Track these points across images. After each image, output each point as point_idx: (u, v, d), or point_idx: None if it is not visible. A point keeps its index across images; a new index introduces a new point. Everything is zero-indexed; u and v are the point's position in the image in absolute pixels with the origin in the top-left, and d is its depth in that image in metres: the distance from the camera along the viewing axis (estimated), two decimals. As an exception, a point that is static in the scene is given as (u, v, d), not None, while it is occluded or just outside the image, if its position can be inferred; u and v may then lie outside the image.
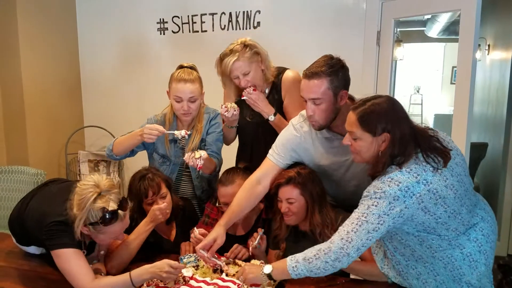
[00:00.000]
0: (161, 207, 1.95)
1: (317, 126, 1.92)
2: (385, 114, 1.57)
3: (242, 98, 2.18)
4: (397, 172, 1.53)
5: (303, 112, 2.00)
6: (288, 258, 1.62)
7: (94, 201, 1.64)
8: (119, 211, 1.66)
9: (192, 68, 2.31)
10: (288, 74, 2.28)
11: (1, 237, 2.31)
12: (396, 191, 1.50)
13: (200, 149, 2.24)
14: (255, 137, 2.35)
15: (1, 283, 1.83)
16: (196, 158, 2.03)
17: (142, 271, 1.64)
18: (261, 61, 2.21)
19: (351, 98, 1.95)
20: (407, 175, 1.52)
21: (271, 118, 2.19)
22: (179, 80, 2.21)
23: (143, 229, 1.96)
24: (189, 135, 2.27)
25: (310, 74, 1.83)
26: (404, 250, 1.67)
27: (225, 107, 2.18)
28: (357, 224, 1.55)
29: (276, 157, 2.04)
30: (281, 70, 2.31)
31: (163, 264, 1.62)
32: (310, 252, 1.61)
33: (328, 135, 1.98)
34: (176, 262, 1.66)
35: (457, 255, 1.62)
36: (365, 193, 1.58)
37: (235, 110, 2.18)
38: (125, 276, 1.64)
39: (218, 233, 1.90)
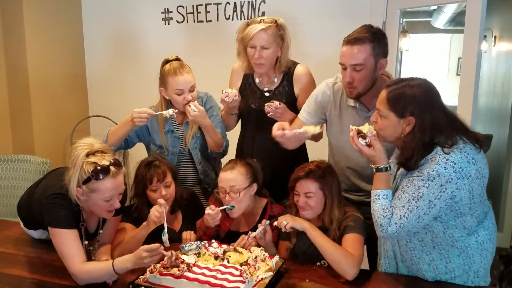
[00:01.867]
0: (156, 214, 1.88)
1: (355, 93, 1.93)
2: (416, 98, 1.56)
3: (268, 115, 2.11)
4: (451, 153, 1.53)
5: (340, 74, 2.01)
6: (384, 192, 1.62)
7: (86, 156, 1.68)
8: (111, 167, 1.69)
9: (178, 59, 2.32)
10: (300, 69, 2.27)
11: (9, 225, 2.35)
12: (451, 173, 1.50)
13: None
14: (258, 124, 2.33)
15: (9, 269, 1.86)
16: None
17: (124, 260, 1.66)
18: (281, 47, 2.19)
19: (387, 76, 1.99)
20: (460, 155, 1.52)
21: None
22: (175, 73, 2.22)
23: (143, 231, 1.93)
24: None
25: (353, 40, 1.84)
26: (425, 236, 1.68)
27: (225, 92, 2.18)
28: (408, 209, 1.56)
29: (305, 115, 2.10)
30: (292, 63, 2.30)
31: (140, 252, 1.63)
32: (385, 204, 1.61)
33: (354, 104, 2.01)
34: (151, 245, 1.65)
35: (472, 243, 1.66)
36: (416, 173, 1.56)
37: (235, 96, 2.18)
38: (108, 263, 1.67)
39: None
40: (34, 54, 3.63)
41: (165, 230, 1.78)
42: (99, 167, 1.67)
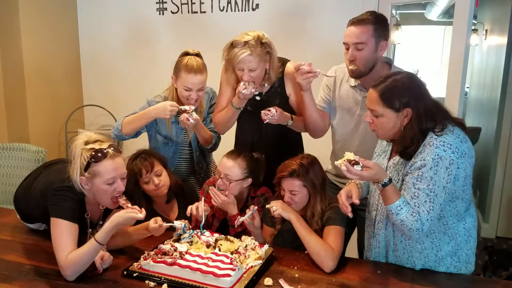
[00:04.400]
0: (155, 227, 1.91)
1: (356, 72, 2.04)
2: (407, 89, 1.63)
3: (265, 121, 2.10)
4: (445, 135, 1.60)
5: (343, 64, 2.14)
6: (402, 200, 1.63)
7: (85, 144, 1.74)
8: (108, 150, 1.74)
9: (198, 55, 2.34)
10: (290, 67, 2.25)
11: (6, 212, 2.39)
12: (450, 154, 1.57)
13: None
14: (257, 125, 2.32)
15: (6, 256, 1.91)
16: (187, 113, 2.16)
17: (104, 229, 1.70)
18: (269, 61, 2.17)
19: (388, 63, 2.10)
20: (453, 136, 1.60)
21: (289, 123, 2.20)
22: (189, 70, 2.25)
23: (143, 230, 1.96)
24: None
25: (356, 21, 2.01)
26: None
27: (244, 84, 2.12)
28: (430, 201, 1.60)
29: (322, 104, 2.27)
30: (282, 62, 2.27)
31: (120, 213, 1.71)
32: (410, 209, 1.62)
33: (354, 84, 2.14)
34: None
35: (461, 230, 1.74)
36: (420, 162, 1.61)
37: (253, 88, 2.14)
38: (90, 241, 1.70)
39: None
40: (29, 43, 3.64)
41: (173, 224, 1.91)
42: (96, 150, 1.72)
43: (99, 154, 1.72)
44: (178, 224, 1.92)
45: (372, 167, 1.60)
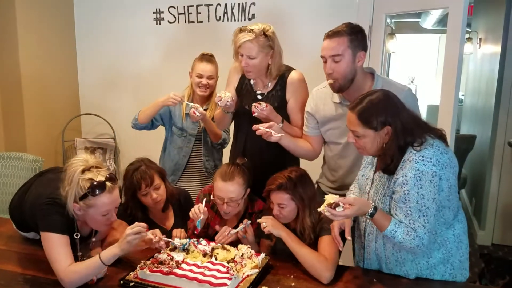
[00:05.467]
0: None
1: (336, 86, 2.04)
2: (383, 108, 1.65)
3: (254, 114, 2.15)
4: (424, 150, 1.62)
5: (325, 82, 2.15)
6: (393, 223, 1.63)
7: (82, 173, 1.71)
8: (107, 183, 1.72)
9: (211, 55, 2.71)
10: (293, 76, 2.31)
11: (2, 222, 2.38)
12: (431, 167, 1.60)
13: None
14: (251, 125, 2.31)
15: (3, 265, 1.90)
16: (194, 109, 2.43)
17: (110, 248, 1.71)
18: (271, 55, 2.23)
19: (371, 73, 2.10)
20: (432, 149, 1.62)
21: (280, 125, 2.22)
22: (201, 61, 2.66)
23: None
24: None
25: (332, 33, 2.01)
26: None
27: (219, 96, 2.23)
28: (423, 215, 1.61)
29: (306, 129, 2.29)
30: (287, 68, 2.35)
31: (126, 233, 1.69)
32: (404, 229, 1.63)
33: (339, 100, 2.14)
34: (138, 224, 1.73)
35: (450, 237, 1.75)
36: (401, 178, 1.63)
37: (228, 101, 2.22)
38: (94, 258, 1.70)
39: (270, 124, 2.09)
40: (26, 52, 3.65)
41: (173, 242, 1.92)
42: (95, 183, 1.70)
43: (97, 188, 1.70)
44: (178, 242, 1.92)
45: (353, 203, 1.61)
